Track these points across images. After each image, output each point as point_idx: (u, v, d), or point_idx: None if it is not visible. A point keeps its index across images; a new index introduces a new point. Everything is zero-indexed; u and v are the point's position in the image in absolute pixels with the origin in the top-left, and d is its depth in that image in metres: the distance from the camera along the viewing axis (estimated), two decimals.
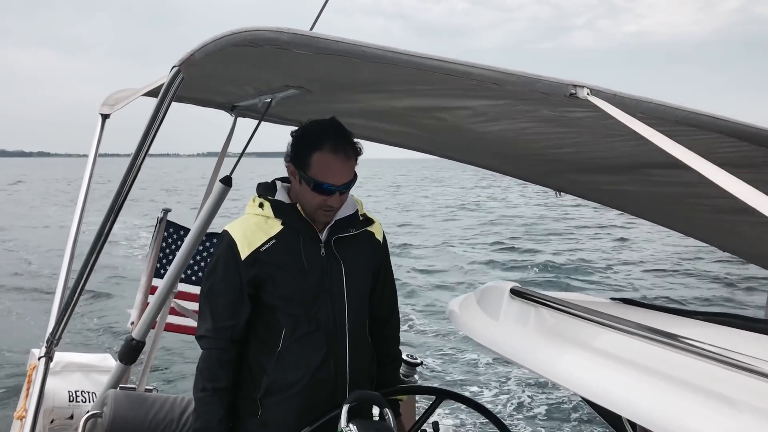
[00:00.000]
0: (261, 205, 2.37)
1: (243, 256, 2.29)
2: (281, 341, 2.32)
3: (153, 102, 1.76)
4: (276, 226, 2.34)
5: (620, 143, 2.01)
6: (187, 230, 3.78)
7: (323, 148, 2.27)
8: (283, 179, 2.47)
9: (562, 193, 3.43)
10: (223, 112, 3.20)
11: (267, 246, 2.30)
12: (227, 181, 2.72)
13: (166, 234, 3.83)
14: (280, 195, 2.40)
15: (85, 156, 1.77)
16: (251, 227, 2.33)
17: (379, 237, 2.54)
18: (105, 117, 3.06)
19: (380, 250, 2.54)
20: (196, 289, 3.94)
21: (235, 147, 3.03)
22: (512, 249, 21.23)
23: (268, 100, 2.52)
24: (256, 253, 2.29)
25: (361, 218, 2.48)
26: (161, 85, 1.70)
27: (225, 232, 2.36)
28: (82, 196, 2.83)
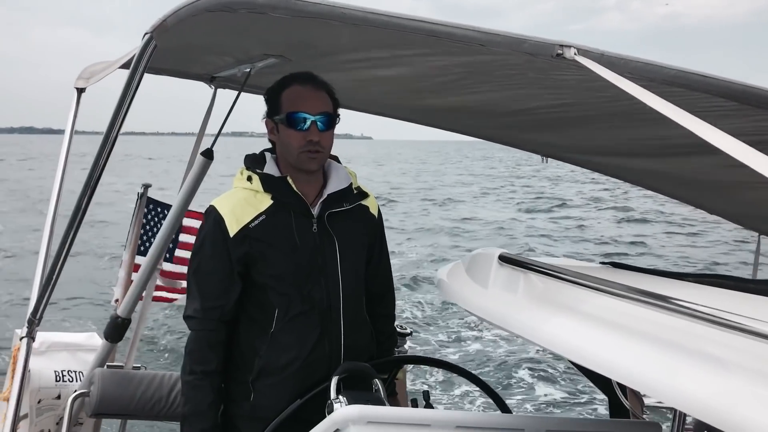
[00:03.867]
0: (249, 179, 2.27)
1: (231, 233, 2.19)
2: (274, 322, 2.23)
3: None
4: (265, 201, 2.24)
5: (608, 105, 1.97)
6: (168, 207, 3.74)
7: (291, 84, 2.25)
8: (271, 150, 2.38)
9: (548, 159, 3.41)
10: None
11: (257, 222, 2.21)
12: (208, 154, 2.67)
13: (146, 210, 3.78)
14: (270, 168, 2.30)
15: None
16: (240, 202, 2.24)
17: (374, 211, 2.45)
18: (81, 91, 2.99)
19: (375, 225, 2.46)
20: (176, 268, 3.91)
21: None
22: None
23: (248, 69, 2.46)
24: (245, 229, 2.20)
25: (355, 191, 2.38)
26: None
27: (212, 207, 2.26)
28: (60, 172, 2.77)
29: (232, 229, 2.20)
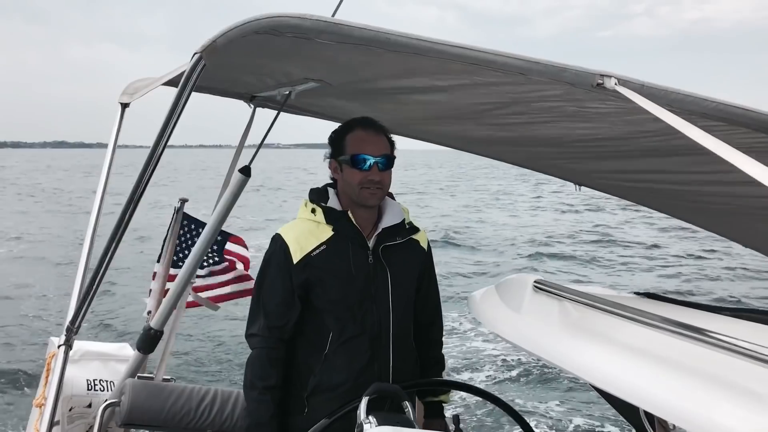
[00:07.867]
0: (313, 211, 2.45)
1: (295, 260, 2.37)
2: (328, 344, 2.39)
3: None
4: (327, 232, 2.42)
5: (646, 135, 1.97)
6: (202, 224, 3.79)
7: (354, 128, 2.43)
8: (331, 185, 2.54)
9: (582, 187, 3.40)
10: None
11: (318, 251, 2.39)
12: (246, 171, 2.70)
13: (182, 224, 3.83)
14: (332, 202, 2.48)
15: (143, 147, 1.78)
16: (303, 232, 2.42)
17: (424, 245, 2.61)
18: (125, 106, 3.06)
19: (425, 258, 2.62)
20: (208, 280, 3.96)
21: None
22: None
23: (287, 92, 2.50)
24: (307, 257, 2.38)
25: (407, 226, 2.55)
26: (181, 74, 1.68)
27: (278, 235, 2.44)
28: (102, 185, 2.83)
29: (296, 257, 2.38)
